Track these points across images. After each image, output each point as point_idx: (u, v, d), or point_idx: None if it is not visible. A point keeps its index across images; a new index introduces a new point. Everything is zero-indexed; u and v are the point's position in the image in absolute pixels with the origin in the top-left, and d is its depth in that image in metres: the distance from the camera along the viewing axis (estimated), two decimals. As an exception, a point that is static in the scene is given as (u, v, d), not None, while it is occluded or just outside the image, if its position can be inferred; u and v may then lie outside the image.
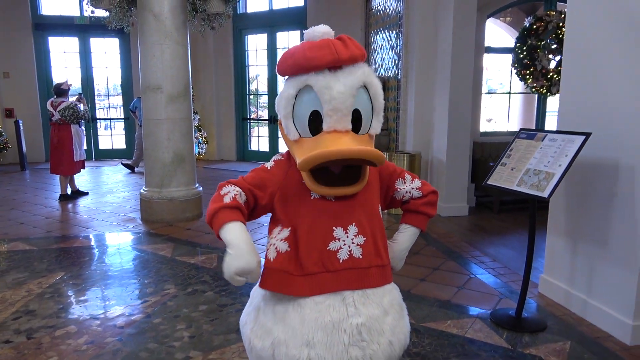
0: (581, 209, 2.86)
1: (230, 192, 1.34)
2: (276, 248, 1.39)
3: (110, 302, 3.08)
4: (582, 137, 2.48)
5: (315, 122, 1.28)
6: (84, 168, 6.43)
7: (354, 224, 1.37)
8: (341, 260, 1.34)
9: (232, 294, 3.14)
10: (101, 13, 5.07)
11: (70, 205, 5.91)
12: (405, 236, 1.58)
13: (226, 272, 1.29)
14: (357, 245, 1.36)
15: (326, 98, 1.24)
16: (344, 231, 1.36)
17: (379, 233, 1.44)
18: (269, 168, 1.44)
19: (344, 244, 1.35)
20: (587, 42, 2.79)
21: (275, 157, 1.49)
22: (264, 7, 9.56)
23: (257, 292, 1.49)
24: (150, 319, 2.81)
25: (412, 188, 1.56)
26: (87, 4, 4.66)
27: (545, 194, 2.42)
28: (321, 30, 1.30)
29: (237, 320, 2.71)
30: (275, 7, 9.45)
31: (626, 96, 2.51)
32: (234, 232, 1.29)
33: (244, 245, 1.28)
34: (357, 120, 1.29)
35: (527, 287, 2.76)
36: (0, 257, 3.93)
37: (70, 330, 2.68)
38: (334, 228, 1.35)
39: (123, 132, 10.61)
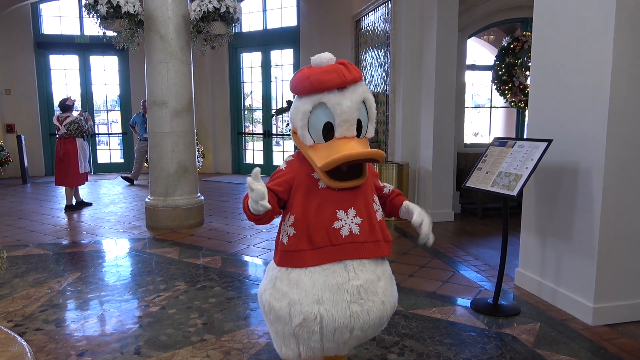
0: (549, 207, 3.24)
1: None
2: (287, 233, 1.74)
3: (127, 296, 3.37)
4: (545, 143, 2.87)
5: (327, 132, 1.65)
6: (87, 180, 6.73)
7: (353, 207, 1.72)
8: (343, 236, 1.69)
9: (238, 289, 3.46)
10: (110, 33, 5.41)
11: (75, 215, 6.19)
12: (409, 205, 1.88)
13: (258, 204, 1.52)
14: (356, 224, 1.71)
15: (338, 112, 1.61)
16: (345, 213, 1.71)
17: (374, 216, 1.78)
18: (283, 169, 1.79)
19: (345, 223, 1.70)
20: (551, 61, 3.20)
21: (287, 159, 1.84)
22: (259, 27, 9.99)
23: (273, 266, 1.82)
24: (165, 310, 3.11)
25: (383, 186, 1.98)
26: (99, 26, 5.01)
27: (514, 193, 2.80)
28: (327, 57, 1.68)
29: (245, 310, 3.07)
30: (269, 27, 9.89)
31: (584, 108, 2.90)
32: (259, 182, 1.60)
33: (260, 183, 1.53)
34: (359, 127, 1.69)
35: (503, 275, 3.11)
36: (17, 260, 4.21)
37: (94, 320, 2.98)
38: (337, 210, 1.70)
39: (120, 147, 10.90)
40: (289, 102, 8.18)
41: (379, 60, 6.89)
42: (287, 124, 7.36)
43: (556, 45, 3.15)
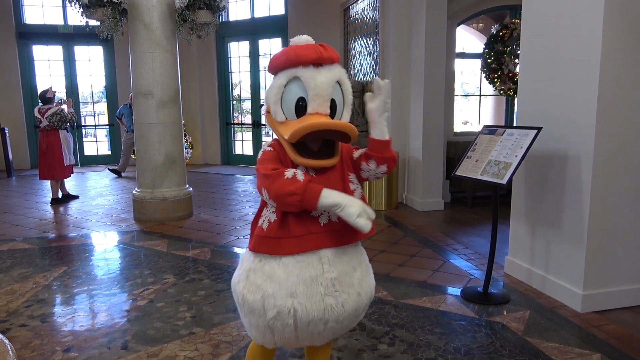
0: (538, 195, 3.23)
1: (290, 170, 1.58)
2: (268, 220, 1.68)
3: (114, 290, 3.33)
4: (535, 131, 2.85)
5: (300, 108, 1.60)
6: (72, 173, 6.61)
7: None
8: (322, 224, 1.64)
9: (227, 281, 3.42)
10: (93, 22, 5.29)
11: (62, 208, 6.10)
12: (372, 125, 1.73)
13: (354, 222, 1.53)
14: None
15: (311, 86, 1.56)
16: None
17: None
18: (272, 150, 1.68)
19: (324, 211, 1.65)
20: (540, 48, 3.17)
21: (265, 148, 1.69)
22: (246, 16, 9.86)
23: (247, 257, 1.76)
24: (153, 303, 3.07)
25: (360, 150, 1.82)
26: (81, 15, 4.89)
27: (504, 181, 2.78)
28: (305, 38, 1.65)
29: (234, 303, 3.01)
30: (257, 16, 9.76)
31: (573, 96, 2.89)
32: (332, 193, 1.55)
33: (347, 197, 1.56)
34: (333, 108, 1.63)
35: (492, 265, 3.11)
36: (2, 255, 4.13)
37: (81, 315, 2.93)
38: None
39: (108, 139, 10.76)
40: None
41: (367, 48, 6.84)
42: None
43: (545, 32, 3.12)
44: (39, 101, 6.35)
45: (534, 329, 2.67)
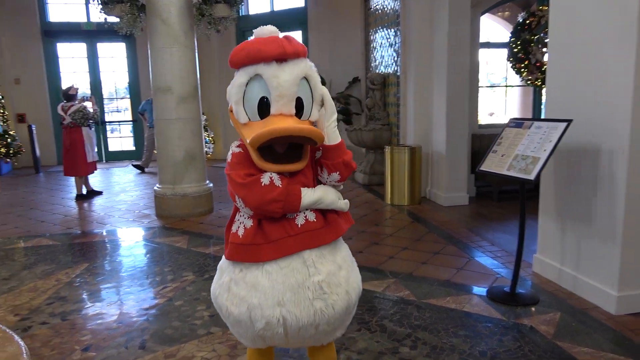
0: (568, 190, 3.08)
1: (266, 175, 1.51)
2: (244, 225, 1.60)
3: (134, 288, 3.32)
4: (565, 124, 2.70)
5: (263, 108, 1.49)
6: (95, 169, 6.69)
7: None
8: (299, 225, 1.56)
9: (246, 279, 3.38)
10: (112, 19, 5.30)
11: (86, 204, 6.17)
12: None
13: (339, 204, 1.63)
14: (311, 211, 1.59)
15: (274, 85, 1.45)
16: None
17: None
18: (240, 150, 1.58)
19: (300, 212, 1.57)
20: (569, 36, 3.01)
21: (234, 149, 1.60)
22: (266, 9, 9.79)
23: (225, 266, 1.68)
24: (172, 302, 3.05)
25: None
26: (99, 11, 4.90)
27: (531, 177, 2.65)
28: (269, 29, 1.53)
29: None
30: (276, 9, 9.69)
31: (606, 85, 2.72)
32: (308, 191, 1.57)
33: (320, 187, 1.61)
34: (300, 107, 1.52)
35: (520, 263, 2.98)
36: (27, 251, 4.19)
37: (100, 313, 2.93)
38: None
39: (131, 134, 10.88)
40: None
41: (389, 40, 6.70)
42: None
43: (575, 18, 2.95)
44: (62, 99, 6.43)
45: (564, 332, 2.54)
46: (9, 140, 8.86)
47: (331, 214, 1.64)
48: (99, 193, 6.76)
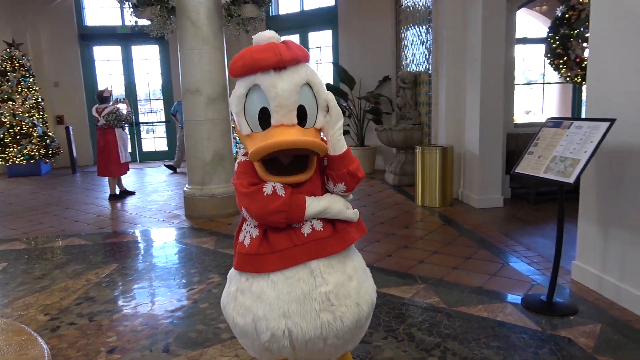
0: (611, 194, 2.89)
1: (269, 185, 1.47)
2: (250, 235, 1.56)
3: (160, 289, 3.33)
4: (607, 124, 2.53)
5: (265, 118, 1.43)
6: (128, 170, 6.82)
7: None
8: (305, 234, 1.50)
9: (272, 282, 3.33)
10: (143, 22, 5.37)
11: (119, 204, 6.29)
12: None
13: (347, 214, 1.57)
14: (317, 219, 1.53)
15: (272, 95, 1.39)
16: None
17: None
18: (246, 158, 1.54)
19: (306, 220, 1.51)
20: (612, 30, 2.82)
21: (240, 158, 1.58)
22: (296, 9, 9.76)
23: (233, 275, 1.64)
24: (197, 304, 3.03)
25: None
26: (130, 14, 4.96)
27: (571, 180, 2.49)
28: (267, 35, 1.46)
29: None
30: (306, 8, 9.64)
31: (653, 81, 2.54)
32: (314, 200, 1.52)
33: (327, 196, 1.55)
34: (303, 115, 1.44)
35: (558, 271, 2.82)
36: (60, 251, 4.28)
37: (126, 314, 2.94)
38: None
39: (164, 135, 11.07)
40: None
41: (420, 37, 6.55)
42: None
43: (619, 11, 2.76)
44: (97, 101, 6.57)
45: (605, 345, 2.37)
46: (48, 141, 9.14)
47: (340, 222, 1.58)
48: (132, 193, 6.87)
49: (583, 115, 6.53)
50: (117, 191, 6.74)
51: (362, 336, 1.68)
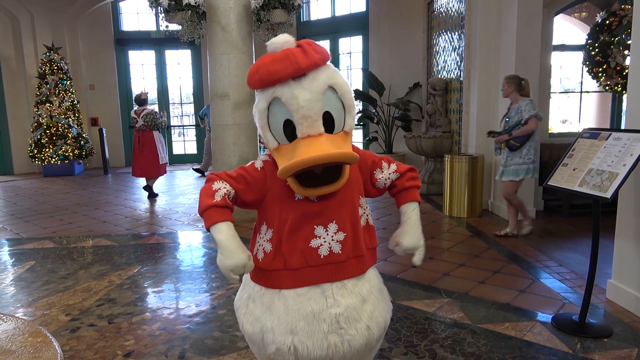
0: (652, 210, 2.72)
1: (221, 190, 1.43)
2: (263, 249, 1.51)
3: (180, 293, 3.32)
4: (649, 135, 2.38)
5: (291, 129, 1.35)
6: (165, 172, 6.95)
7: (334, 221, 1.45)
8: (322, 256, 1.44)
9: (292, 290, 3.28)
10: (174, 27, 5.44)
11: (146, 206, 6.37)
12: (408, 214, 1.57)
13: (222, 270, 1.42)
14: (337, 241, 1.45)
15: (294, 107, 1.31)
16: (325, 229, 1.44)
17: (359, 225, 1.51)
18: (259, 168, 1.50)
19: (325, 241, 1.44)
20: (657, 36, 2.67)
21: (263, 157, 1.54)
22: (327, 14, 9.75)
23: (248, 281, 1.60)
24: (216, 310, 3.01)
25: (390, 173, 1.59)
26: (162, 19, 5.03)
27: (608, 195, 2.35)
28: (281, 41, 1.36)
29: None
30: (337, 14, 9.61)
31: (700, 91, 2.37)
32: (223, 232, 1.40)
33: (233, 245, 1.39)
34: (330, 120, 1.36)
35: (592, 290, 2.66)
36: (86, 251, 4.34)
37: (145, 318, 2.93)
38: (315, 227, 1.44)
39: (195, 138, 11.22)
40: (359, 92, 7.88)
41: (452, 44, 6.41)
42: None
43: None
44: (134, 104, 6.76)
45: (644, 373, 2.22)
46: (82, 142, 9.39)
47: (359, 247, 1.50)
48: (155, 195, 6.97)
49: (623, 126, 6.25)
50: (145, 185, 6.91)
51: (373, 356, 1.61)
